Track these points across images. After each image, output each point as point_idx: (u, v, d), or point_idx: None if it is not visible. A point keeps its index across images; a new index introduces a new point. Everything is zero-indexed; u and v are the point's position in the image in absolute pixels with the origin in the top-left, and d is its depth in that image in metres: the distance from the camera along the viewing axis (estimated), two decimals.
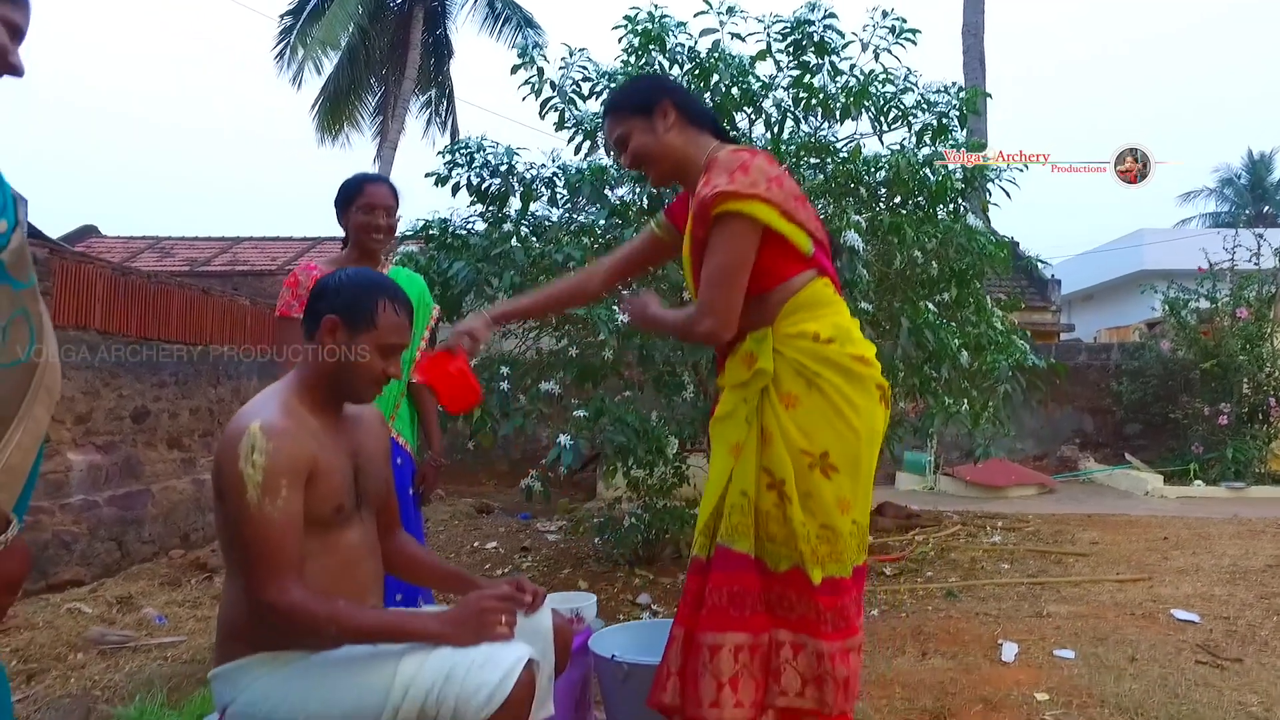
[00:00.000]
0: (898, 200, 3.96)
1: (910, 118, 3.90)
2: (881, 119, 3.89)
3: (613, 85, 3.58)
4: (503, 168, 3.72)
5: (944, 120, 3.90)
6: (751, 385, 1.50)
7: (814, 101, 3.72)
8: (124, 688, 2.55)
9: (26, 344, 1.00)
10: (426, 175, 3.76)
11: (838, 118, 3.85)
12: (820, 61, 3.68)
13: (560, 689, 1.68)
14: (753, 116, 3.86)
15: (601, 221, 3.75)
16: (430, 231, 3.73)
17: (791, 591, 1.46)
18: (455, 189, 3.74)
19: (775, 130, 3.83)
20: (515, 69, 3.69)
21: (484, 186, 3.76)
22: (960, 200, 4.06)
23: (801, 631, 1.45)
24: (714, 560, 1.48)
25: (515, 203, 3.80)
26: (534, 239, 3.60)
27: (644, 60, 3.66)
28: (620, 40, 3.66)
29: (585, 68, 3.70)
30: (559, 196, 3.88)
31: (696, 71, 3.64)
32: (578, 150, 3.81)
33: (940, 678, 2.49)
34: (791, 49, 3.69)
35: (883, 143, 3.97)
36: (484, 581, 1.54)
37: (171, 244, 12.76)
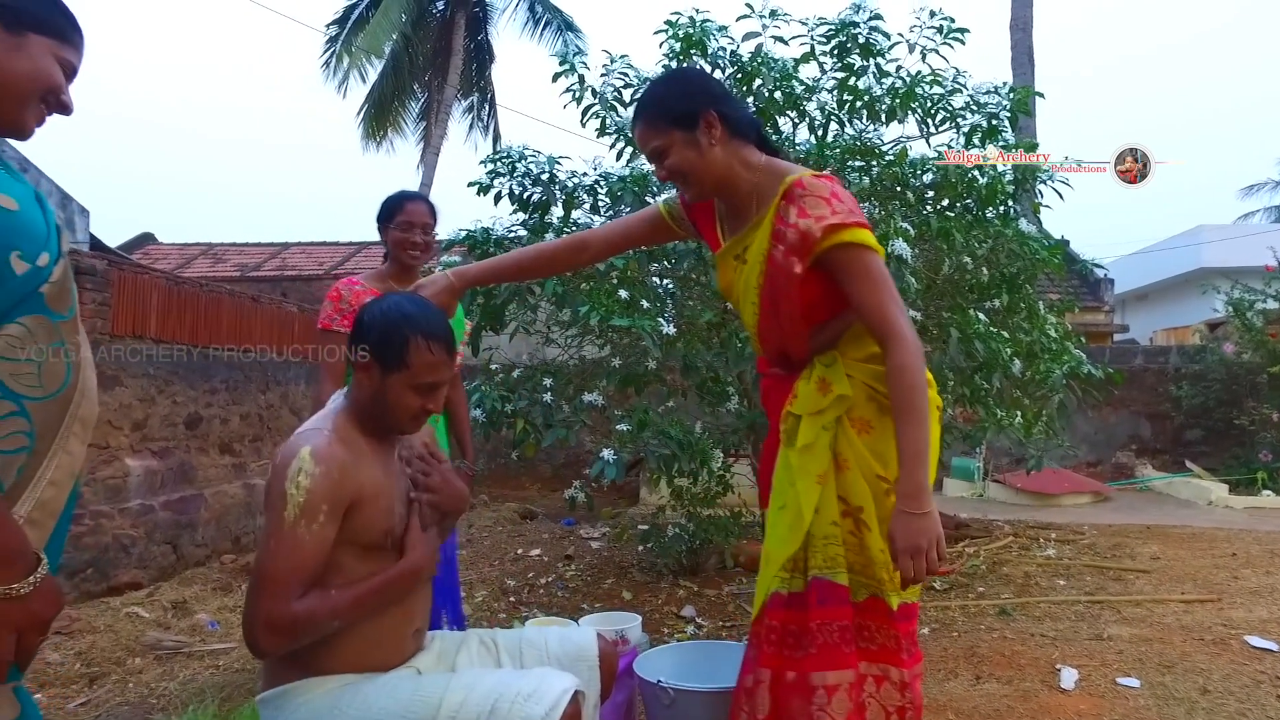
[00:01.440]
0: (945, 203, 3.85)
1: (959, 119, 3.79)
2: (929, 121, 3.79)
3: None
4: (544, 176, 3.71)
5: (994, 121, 3.77)
6: (828, 413, 1.46)
7: (859, 104, 3.64)
8: (178, 696, 2.61)
9: (62, 376, 1.00)
10: (469, 185, 3.77)
11: (884, 120, 3.76)
12: (865, 63, 3.60)
13: (606, 713, 1.66)
14: (796, 120, 3.79)
15: None
16: (473, 240, 3.74)
17: (872, 621, 1.43)
18: (497, 198, 3.75)
19: (820, 134, 3.76)
20: (556, 76, 3.68)
21: (526, 195, 3.76)
22: (1010, 202, 3.93)
23: (882, 661, 1.42)
24: (812, 594, 1.44)
25: (557, 211, 3.78)
26: None
27: (685, 65, 3.61)
28: (661, 45, 3.62)
29: (626, 74, 3.68)
30: (601, 204, 3.86)
31: (739, 76, 3.59)
32: (619, 156, 3.79)
33: (996, 704, 2.40)
34: (836, 51, 3.62)
35: (930, 145, 3.87)
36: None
37: (223, 250, 13.17)
